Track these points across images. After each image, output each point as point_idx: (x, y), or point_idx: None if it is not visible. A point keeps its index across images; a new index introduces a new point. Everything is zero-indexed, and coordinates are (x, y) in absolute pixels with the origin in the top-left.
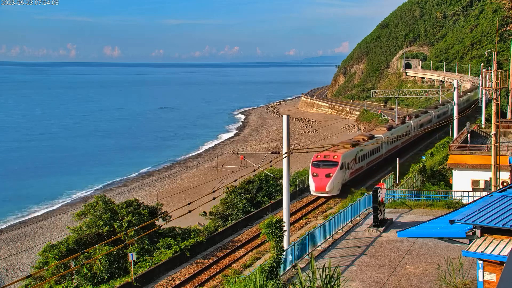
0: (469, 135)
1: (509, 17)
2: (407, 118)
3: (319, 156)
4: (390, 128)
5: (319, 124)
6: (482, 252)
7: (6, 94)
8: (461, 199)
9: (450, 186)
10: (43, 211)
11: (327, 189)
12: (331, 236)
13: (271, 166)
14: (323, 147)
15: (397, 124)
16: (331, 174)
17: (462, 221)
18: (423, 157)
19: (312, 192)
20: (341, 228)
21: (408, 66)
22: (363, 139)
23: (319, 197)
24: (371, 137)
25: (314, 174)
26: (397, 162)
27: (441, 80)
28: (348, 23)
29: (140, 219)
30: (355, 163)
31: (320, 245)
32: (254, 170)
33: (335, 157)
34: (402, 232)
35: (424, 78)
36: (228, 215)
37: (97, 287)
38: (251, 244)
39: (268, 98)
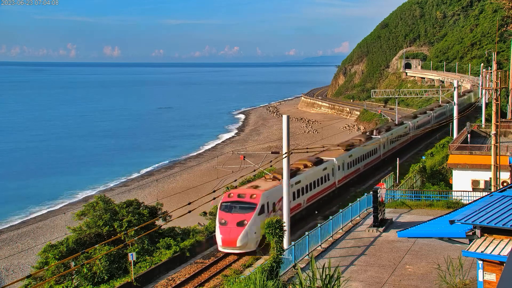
0: (469, 135)
1: (509, 17)
2: (374, 133)
3: (231, 195)
4: (349, 148)
5: (319, 124)
6: (482, 252)
7: (6, 94)
8: (461, 199)
9: (450, 186)
10: (44, 211)
11: (238, 244)
12: (331, 236)
13: (271, 166)
14: (323, 147)
15: (361, 141)
16: (245, 222)
17: (462, 221)
18: (423, 157)
19: (219, 248)
20: (341, 228)
21: (408, 66)
22: (305, 166)
23: (229, 254)
24: (318, 162)
25: (222, 221)
26: (397, 162)
27: (441, 80)
28: (348, 23)
29: (140, 219)
30: None
31: (320, 245)
32: (254, 170)
33: (253, 196)
34: (402, 232)
35: (424, 78)
36: None
37: (97, 287)
38: None
39: (268, 98)
